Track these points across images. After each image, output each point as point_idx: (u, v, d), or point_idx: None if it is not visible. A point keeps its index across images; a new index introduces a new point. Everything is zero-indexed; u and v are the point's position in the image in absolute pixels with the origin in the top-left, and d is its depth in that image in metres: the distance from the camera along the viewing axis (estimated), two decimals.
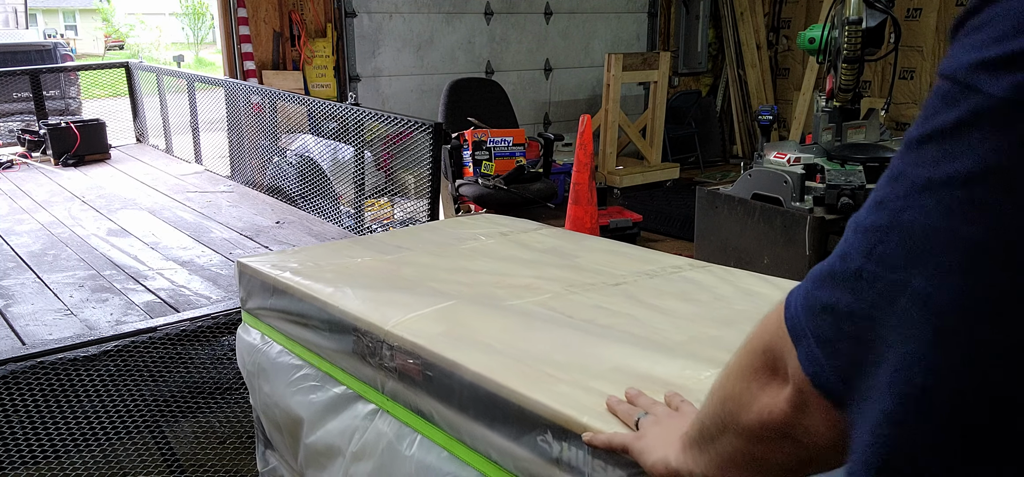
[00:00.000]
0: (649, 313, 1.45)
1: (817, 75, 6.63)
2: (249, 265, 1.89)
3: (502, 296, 1.56)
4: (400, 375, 1.37)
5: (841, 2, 3.26)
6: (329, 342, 1.58)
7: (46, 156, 5.13)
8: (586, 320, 1.42)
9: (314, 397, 1.63)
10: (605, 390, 1.11)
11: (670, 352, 1.26)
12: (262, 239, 3.46)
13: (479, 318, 1.44)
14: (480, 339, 1.33)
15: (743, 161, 6.35)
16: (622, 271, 1.72)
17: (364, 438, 1.46)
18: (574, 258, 1.84)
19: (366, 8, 6.28)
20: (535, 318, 1.44)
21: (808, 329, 0.58)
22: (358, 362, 1.49)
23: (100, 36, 30.49)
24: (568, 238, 2.07)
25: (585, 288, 1.61)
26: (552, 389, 1.13)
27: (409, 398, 1.36)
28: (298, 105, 4.63)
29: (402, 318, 1.42)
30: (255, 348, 1.88)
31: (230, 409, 2.37)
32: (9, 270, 3.02)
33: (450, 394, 1.25)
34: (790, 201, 3.17)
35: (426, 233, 2.16)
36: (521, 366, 1.21)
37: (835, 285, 0.55)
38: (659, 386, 1.11)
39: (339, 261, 1.86)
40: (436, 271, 1.76)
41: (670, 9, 8.07)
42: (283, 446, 1.84)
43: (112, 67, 6.13)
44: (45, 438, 2.10)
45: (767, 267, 3.22)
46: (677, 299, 1.54)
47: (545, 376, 1.17)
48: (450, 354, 1.27)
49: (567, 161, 5.89)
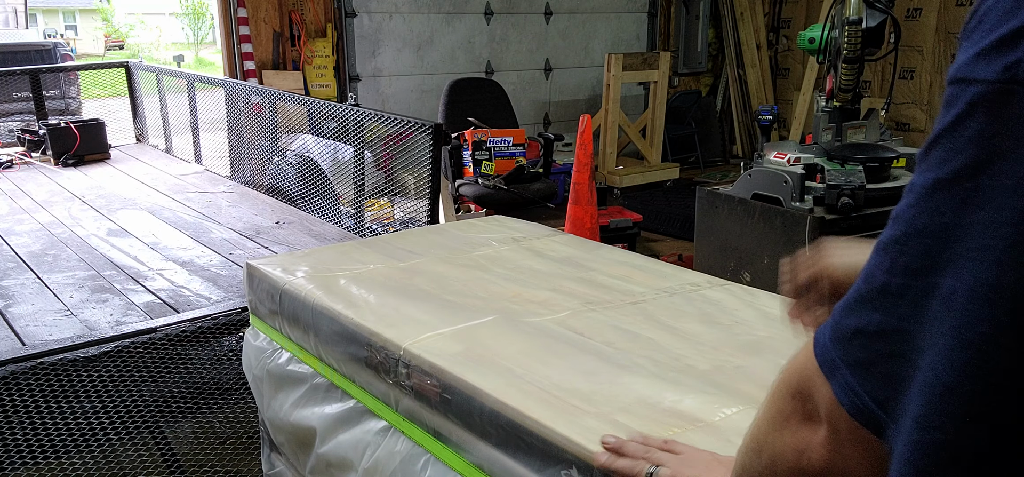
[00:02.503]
0: (670, 337, 1.43)
1: (817, 75, 6.62)
2: (258, 268, 1.87)
3: (519, 312, 1.55)
4: (416, 394, 1.34)
5: (841, 2, 3.25)
6: (341, 354, 1.55)
7: (46, 156, 5.12)
8: (607, 342, 1.40)
9: (326, 409, 1.61)
10: (631, 425, 1.09)
11: (695, 383, 1.24)
12: (262, 239, 3.46)
13: (498, 338, 1.41)
14: (500, 362, 1.31)
15: (743, 161, 6.35)
16: (639, 288, 1.70)
17: (377, 455, 1.44)
18: (589, 270, 1.82)
19: (366, 8, 6.28)
20: (555, 339, 1.41)
21: (840, 359, 0.55)
22: (372, 377, 1.46)
23: (100, 36, 30.47)
24: (582, 246, 2.04)
25: (603, 306, 1.59)
26: (578, 422, 1.10)
27: (425, 418, 1.34)
28: (298, 105, 4.63)
29: (420, 336, 1.40)
30: (263, 353, 1.85)
31: (230, 409, 2.37)
32: (9, 270, 3.02)
33: (469, 418, 1.23)
34: (790, 201, 3.17)
35: (437, 237, 2.12)
36: (544, 394, 1.19)
37: (863, 307, 0.54)
38: (685, 422, 1.10)
39: (350, 267, 1.83)
40: (450, 282, 1.73)
41: (670, 9, 8.07)
42: (290, 452, 1.82)
43: (112, 67, 6.13)
44: (45, 438, 2.10)
45: (767, 267, 3.22)
46: (697, 321, 1.51)
47: (570, 407, 1.15)
48: (470, 378, 1.24)
49: (567, 161, 5.89)
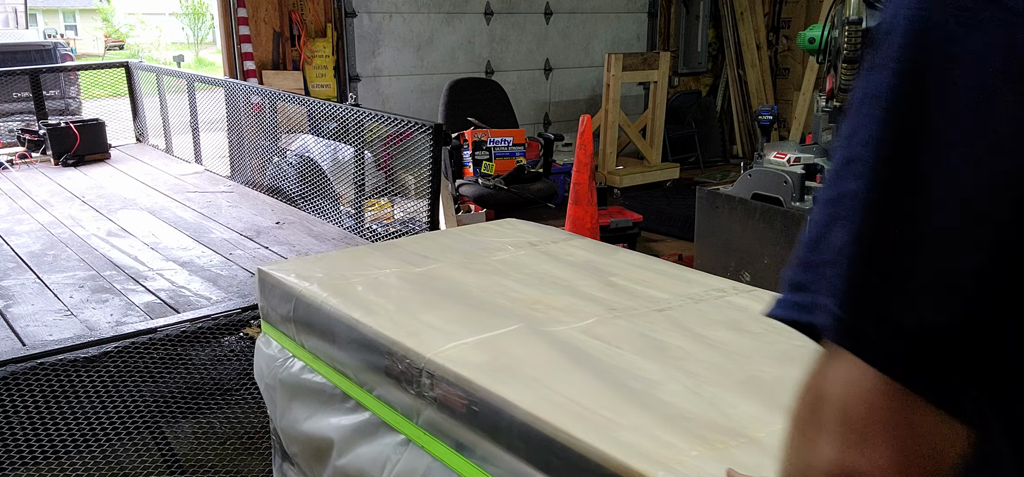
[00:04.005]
0: (701, 347, 1.39)
1: (817, 75, 6.62)
2: (271, 274, 1.82)
3: (542, 320, 1.51)
4: (440, 406, 1.31)
5: (841, 2, 3.26)
6: (359, 363, 1.52)
7: (46, 156, 5.12)
8: (636, 352, 1.36)
9: (343, 420, 1.58)
10: (673, 441, 1.04)
11: (734, 396, 1.19)
12: (262, 240, 3.46)
13: (524, 347, 1.38)
14: (528, 373, 1.27)
15: (743, 161, 6.35)
16: (663, 293, 1.66)
17: (397, 470, 1.41)
18: (610, 275, 1.78)
19: (366, 8, 6.28)
20: (582, 349, 1.37)
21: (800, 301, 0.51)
22: (392, 387, 1.43)
23: (100, 36, 30.46)
24: (599, 250, 2.01)
25: (628, 313, 1.55)
26: (616, 437, 1.06)
27: (448, 431, 1.30)
28: (298, 105, 4.63)
29: (444, 346, 1.36)
30: (275, 361, 1.81)
31: (230, 409, 2.37)
32: (9, 270, 3.02)
33: (497, 432, 1.19)
34: (790, 201, 3.17)
35: (450, 241, 2.09)
36: (577, 407, 1.14)
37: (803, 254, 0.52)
38: (729, 438, 1.06)
39: (365, 272, 1.80)
40: (468, 288, 1.70)
41: (670, 9, 8.06)
42: (305, 463, 1.78)
43: (112, 67, 6.13)
44: (45, 438, 2.10)
45: (767, 267, 3.22)
46: (728, 329, 1.46)
47: (605, 421, 1.10)
48: (500, 390, 1.20)
49: (567, 161, 5.89)
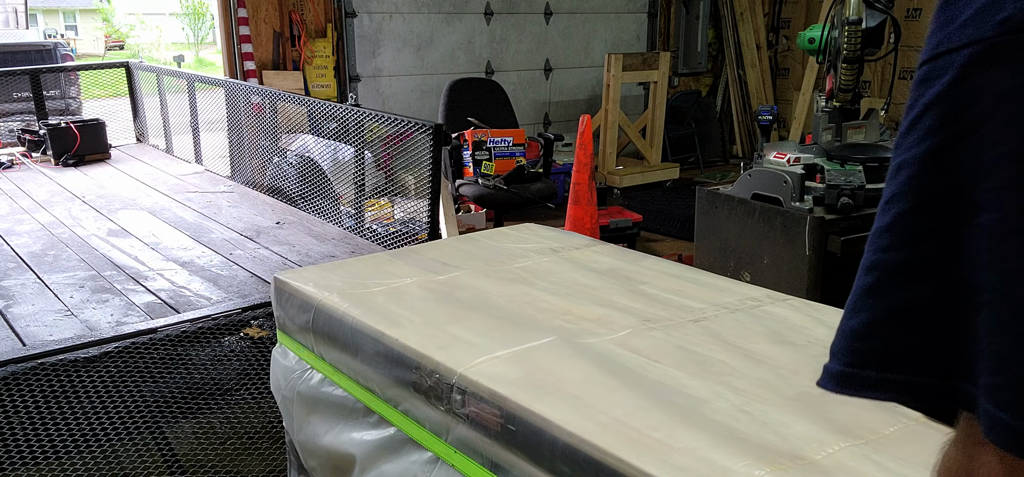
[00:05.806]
0: (744, 360, 1.33)
1: (817, 75, 6.62)
2: (288, 283, 1.78)
3: (574, 331, 1.46)
4: (473, 423, 1.26)
5: (841, 2, 3.26)
6: (384, 377, 1.47)
7: (46, 156, 5.12)
8: (676, 366, 1.30)
9: (366, 435, 1.53)
10: (729, 466, 1.00)
11: (785, 415, 1.14)
12: (263, 240, 3.46)
13: (560, 362, 1.32)
14: (566, 389, 1.22)
15: (743, 161, 6.35)
16: (697, 303, 1.61)
17: None
18: (639, 284, 1.73)
19: (366, 8, 6.28)
20: (621, 364, 1.32)
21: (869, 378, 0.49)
22: (420, 402, 1.38)
23: (100, 36, 30.47)
24: (625, 257, 1.96)
25: (663, 324, 1.49)
26: (668, 460, 1.01)
27: (482, 449, 1.25)
28: (298, 105, 4.63)
29: (475, 360, 1.32)
30: (292, 373, 1.77)
31: (230, 409, 2.37)
32: (9, 270, 3.02)
33: (537, 453, 1.14)
34: (790, 201, 3.17)
35: (469, 247, 2.03)
36: (622, 426, 1.10)
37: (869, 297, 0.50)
38: (786, 461, 1.02)
39: (385, 281, 1.75)
40: (494, 297, 1.65)
41: (670, 9, 8.07)
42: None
43: (112, 67, 6.13)
44: (45, 438, 2.10)
45: (767, 267, 3.22)
46: (769, 341, 1.41)
47: (653, 442, 1.06)
48: (539, 408, 1.16)
49: (567, 161, 5.89)
